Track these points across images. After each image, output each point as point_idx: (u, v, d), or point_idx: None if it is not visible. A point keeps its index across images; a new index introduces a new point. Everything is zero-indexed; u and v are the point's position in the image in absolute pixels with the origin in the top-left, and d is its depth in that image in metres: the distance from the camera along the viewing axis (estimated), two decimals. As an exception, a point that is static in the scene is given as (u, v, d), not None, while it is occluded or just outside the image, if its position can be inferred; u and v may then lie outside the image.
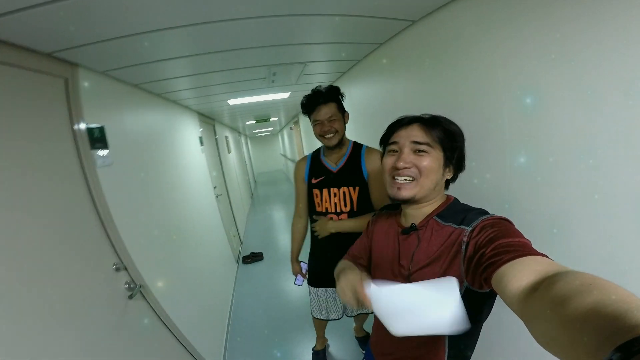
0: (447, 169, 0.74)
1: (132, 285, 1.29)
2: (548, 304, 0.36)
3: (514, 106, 0.92)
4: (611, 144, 0.68)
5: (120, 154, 1.38)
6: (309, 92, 1.38)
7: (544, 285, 0.39)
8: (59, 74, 1.08)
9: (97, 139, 1.22)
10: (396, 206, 0.91)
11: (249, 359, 2.15)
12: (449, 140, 0.72)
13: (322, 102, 1.31)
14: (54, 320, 0.88)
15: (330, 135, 1.33)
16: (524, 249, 0.50)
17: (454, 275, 0.63)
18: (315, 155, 1.53)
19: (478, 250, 0.58)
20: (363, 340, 2.07)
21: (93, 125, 1.21)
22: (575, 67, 0.72)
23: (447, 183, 0.80)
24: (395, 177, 0.73)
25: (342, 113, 1.37)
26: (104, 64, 1.29)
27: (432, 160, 0.70)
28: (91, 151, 1.17)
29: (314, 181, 1.46)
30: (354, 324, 2.13)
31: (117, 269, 1.24)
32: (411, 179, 0.71)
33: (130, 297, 1.25)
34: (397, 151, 0.74)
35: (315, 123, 1.35)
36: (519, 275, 0.45)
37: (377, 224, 0.93)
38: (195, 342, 1.70)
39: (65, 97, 1.11)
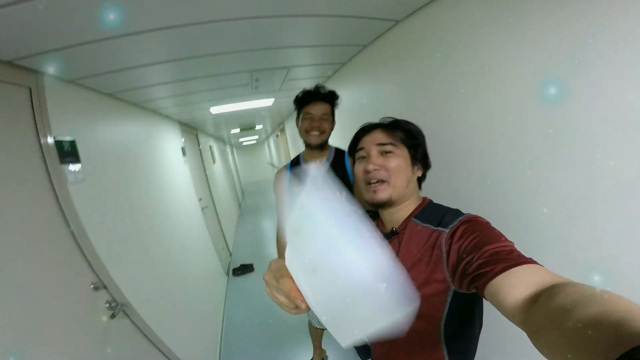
0: (416, 167, 0.76)
1: (113, 304, 1.21)
2: (551, 315, 0.36)
3: (501, 105, 0.92)
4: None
5: (94, 168, 1.30)
6: (293, 97, 1.35)
7: (544, 297, 0.39)
8: (22, 83, 1.02)
9: (68, 152, 1.15)
10: (373, 215, 0.89)
11: None
12: (410, 138, 0.75)
13: (321, 99, 1.29)
14: (29, 344, 0.82)
15: (316, 133, 1.29)
16: (514, 257, 0.50)
17: (439, 280, 0.63)
18: (295, 162, 1.46)
19: (463, 258, 0.57)
20: (362, 349, 2.01)
21: (62, 138, 1.14)
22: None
23: (420, 183, 0.81)
24: (369, 182, 0.74)
25: (333, 118, 1.35)
26: (73, 72, 1.22)
27: (399, 159, 0.73)
28: (61, 166, 1.10)
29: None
30: None
31: (96, 288, 1.16)
32: (382, 180, 0.72)
33: (112, 316, 1.17)
34: (365, 157, 0.77)
35: (305, 116, 1.30)
36: (515, 288, 0.45)
37: None
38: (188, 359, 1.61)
39: (30, 107, 1.04)
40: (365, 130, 0.80)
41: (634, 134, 0.63)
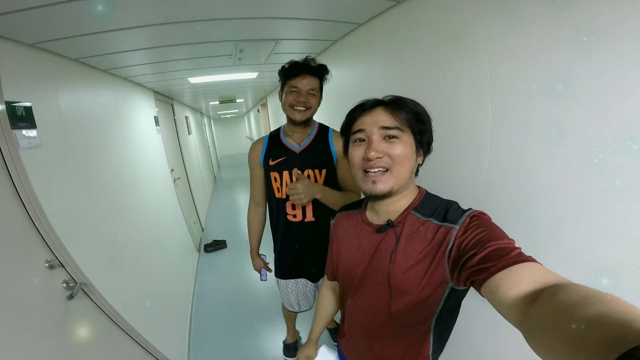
0: (419, 154, 0.68)
1: (71, 284, 1.12)
2: (550, 314, 0.35)
3: (498, 95, 0.89)
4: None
5: (53, 135, 1.18)
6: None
7: (544, 296, 0.39)
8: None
9: (21, 117, 1.01)
10: (356, 204, 0.84)
11: (216, 354, 2.04)
12: (418, 122, 0.65)
13: (309, 72, 1.18)
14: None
15: (302, 109, 1.20)
16: (516, 255, 0.48)
17: (440, 277, 0.60)
18: (274, 134, 1.37)
19: (466, 251, 0.55)
20: (335, 331, 2.06)
21: (16, 103, 1.00)
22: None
23: (417, 169, 0.73)
24: (368, 170, 0.65)
25: (320, 94, 1.26)
26: (32, 35, 1.08)
27: (405, 147, 0.64)
28: (13, 131, 0.97)
29: (271, 163, 1.30)
30: None
31: (51, 267, 1.07)
32: (384, 169, 0.64)
33: (70, 297, 1.09)
34: (364, 140, 0.67)
35: (291, 90, 1.20)
36: (515, 286, 0.43)
37: (340, 228, 0.85)
38: (155, 341, 1.56)
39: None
40: (364, 108, 0.68)
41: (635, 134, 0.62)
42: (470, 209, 0.63)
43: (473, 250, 0.53)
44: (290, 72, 1.19)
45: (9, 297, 0.87)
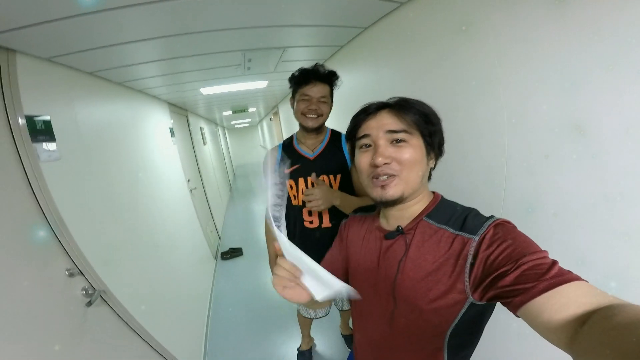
0: (430, 157, 0.65)
1: (90, 291, 1.16)
2: (606, 337, 0.33)
3: (514, 100, 0.86)
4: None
5: (71, 147, 1.23)
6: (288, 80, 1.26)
7: (597, 318, 0.36)
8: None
9: (41, 131, 1.07)
10: (372, 207, 0.81)
11: None
12: (426, 123, 0.62)
13: (320, 79, 1.19)
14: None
15: (313, 116, 1.21)
16: (557, 273, 0.44)
17: (458, 291, 0.55)
18: (287, 142, 1.39)
19: (496, 268, 0.49)
20: (349, 338, 2.02)
21: (36, 117, 1.06)
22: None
23: (430, 173, 0.70)
24: (376, 177, 0.62)
25: (331, 100, 1.27)
26: (48, 50, 1.13)
27: (414, 151, 0.60)
28: (33, 144, 1.02)
29: (286, 171, 1.31)
30: (339, 322, 2.06)
31: (71, 275, 1.11)
32: (394, 175, 0.61)
33: (89, 304, 1.12)
34: (370, 145, 0.64)
35: (302, 98, 1.21)
36: (564, 309, 0.40)
37: (351, 229, 0.82)
38: (172, 347, 1.59)
39: (-1, 86, 0.96)
40: (368, 112, 0.65)
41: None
42: (492, 216, 0.58)
43: (504, 268, 0.48)
44: (300, 80, 1.20)
45: (31, 305, 0.91)
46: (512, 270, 0.47)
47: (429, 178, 0.69)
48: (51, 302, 0.99)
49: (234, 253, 3.67)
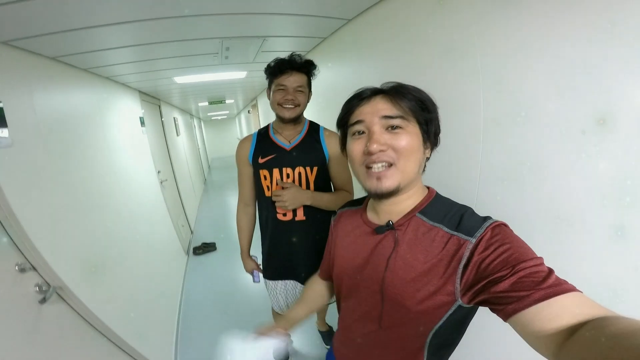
0: (426, 146, 0.61)
1: (44, 288, 1.07)
2: (595, 345, 0.33)
3: (490, 86, 0.88)
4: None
5: (25, 135, 1.13)
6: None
7: (587, 328, 0.37)
8: None
9: (-11, 116, 0.97)
10: (359, 201, 0.79)
11: (204, 357, 1.96)
12: (423, 110, 0.59)
13: (296, 68, 1.15)
14: None
15: (290, 107, 1.17)
16: (553, 283, 0.43)
17: (447, 293, 0.53)
18: (263, 132, 1.32)
19: (490, 273, 0.48)
20: (326, 334, 2.01)
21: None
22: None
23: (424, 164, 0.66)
24: (370, 166, 0.58)
25: (309, 90, 1.24)
26: (5, 33, 1.03)
27: (411, 138, 0.57)
28: (-22, 129, 0.92)
29: (261, 160, 1.26)
30: (316, 318, 2.05)
31: (22, 270, 1.02)
32: (389, 164, 0.57)
33: (43, 300, 1.04)
34: (363, 132, 0.60)
35: (278, 88, 1.17)
36: (557, 319, 0.40)
37: (339, 225, 0.79)
38: (140, 345, 1.51)
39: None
40: (362, 97, 0.62)
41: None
42: (489, 217, 0.55)
43: (499, 273, 0.47)
44: (276, 70, 1.16)
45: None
46: (508, 277, 0.45)
47: (423, 170, 0.66)
48: (-1, 300, 0.91)
49: (206, 248, 3.57)
